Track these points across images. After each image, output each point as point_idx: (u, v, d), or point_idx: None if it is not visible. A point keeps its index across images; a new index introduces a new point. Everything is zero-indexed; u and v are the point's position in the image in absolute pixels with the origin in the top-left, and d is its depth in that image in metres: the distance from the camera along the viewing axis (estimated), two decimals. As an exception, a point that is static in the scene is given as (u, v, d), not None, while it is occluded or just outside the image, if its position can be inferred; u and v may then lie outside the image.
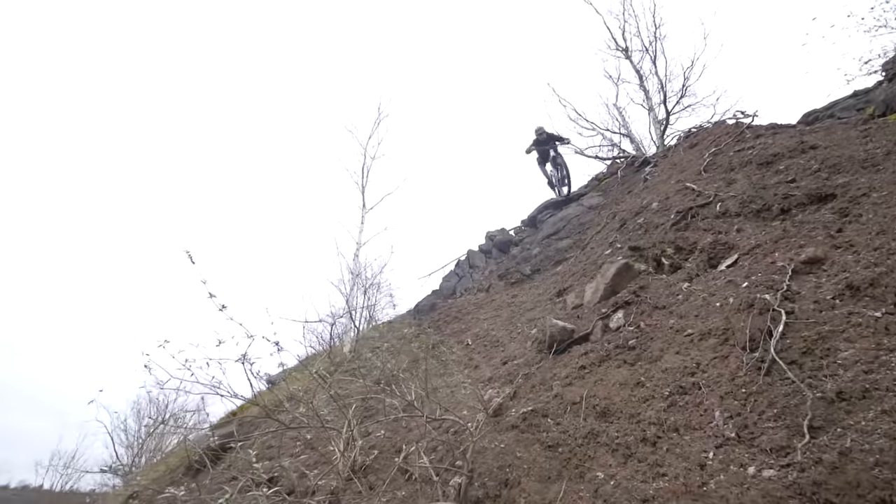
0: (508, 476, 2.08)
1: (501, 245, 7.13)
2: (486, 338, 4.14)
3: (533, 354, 3.16)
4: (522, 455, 2.18)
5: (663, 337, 2.43)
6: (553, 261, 5.23)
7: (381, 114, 7.58)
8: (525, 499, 1.92)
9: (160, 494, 3.93)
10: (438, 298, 7.08)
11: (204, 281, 1.53)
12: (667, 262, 3.12)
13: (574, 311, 3.38)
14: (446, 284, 7.40)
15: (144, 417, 10.51)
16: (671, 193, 4.07)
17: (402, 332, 4.08)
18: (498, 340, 3.92)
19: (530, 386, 2.79)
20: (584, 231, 5.67)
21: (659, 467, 1.68)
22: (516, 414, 2.51)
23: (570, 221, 6.32)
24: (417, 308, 6.95)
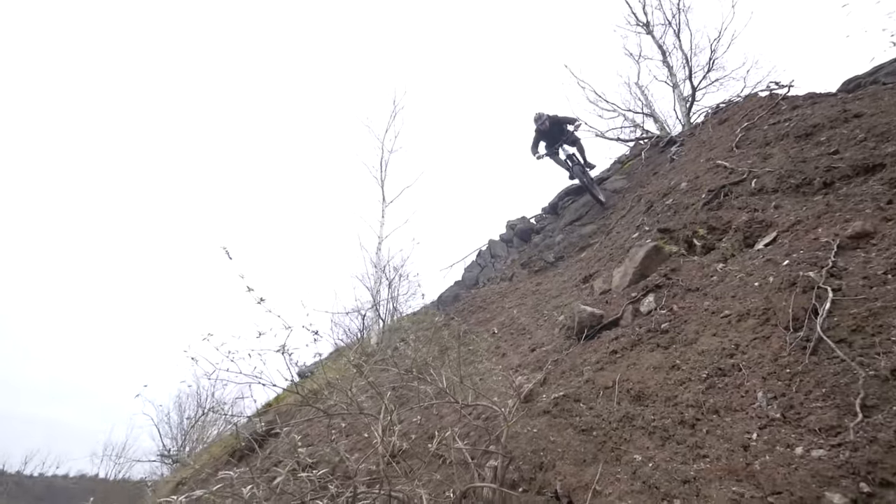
0: (543, 459, 2.09)
1: (522, 234, 7.07)
2: (511, 326, 4.14)
3: (561, 341, 3.14)
4: (556, 439, 2.18)
5: (698, 319, 2.37)
6: (577, 247, 5.15)
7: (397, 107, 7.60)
8: (561, 481, 1.92)
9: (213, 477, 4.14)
10: (461, 289, 7.10)
11: (242, 275, 1.59)
12: (699, 244, 3.03)
13: (602, 296, 3.33)
14: (468, 275, 7.40)
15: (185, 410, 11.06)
16: (701, 172, 3.93)
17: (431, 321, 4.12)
18: (524, 328, 3.91)
19: (560, 372, 2.78)
20: (609, 216, 5.55)
21: (699, 449, 1.65)
22: (547, 399, 2.51)
23: (593, 207, 6.19)
24: (441, 299, 6.99)
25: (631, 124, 8.17)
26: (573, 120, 6.51)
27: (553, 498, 1.92)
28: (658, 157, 6.28)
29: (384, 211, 6.39)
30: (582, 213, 6.08)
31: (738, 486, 1.43)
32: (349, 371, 2.41)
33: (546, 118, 6.49)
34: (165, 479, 7.24)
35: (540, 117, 6.60)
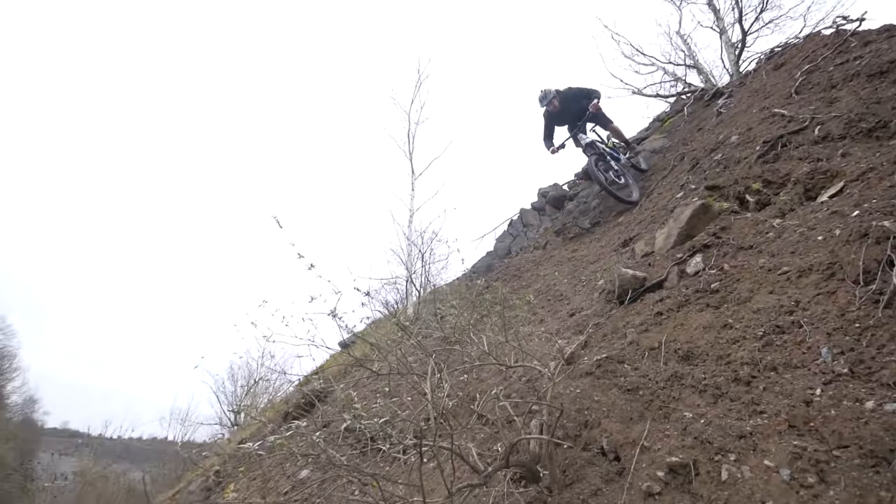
0: (587, 418, 2.11)
1: (555, 201, 6.88)
2: (548, 293, 4.10)
3: (601, 305, 3.09)
4: (600, 399, 2.18)
5: (752, 278, 2.26)
6: (614, 212, 4.96)
7: (421, 75, 7.41)
8: (607, 438, 1.94)
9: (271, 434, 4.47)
10: (494, 259, 7.07)
11: (293, 243, 1.65)
12: (752, 199, 2.84)
13: (644, 259, 3.22)
14: (500, 245, 7.35)
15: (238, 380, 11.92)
16: (754, 123, 3.64)
17: (473, 285, 4.14)
18: (562, 294, 3.87)
19: (602, 335, 2.75)
20: (648, 177, 5.29)
21: (755, 405, 1.60)
22: (590, 361, 2.50)
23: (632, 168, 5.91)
24: (473, 269, 7.01)
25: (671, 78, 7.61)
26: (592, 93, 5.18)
27: (599, 454, 1.94)
28: (703, 111, 5.85)
29: (413, 184, 6.38)
30: (619, 176, 5.83)
31: (799, 440, 1.39)
32: (394, 335, 2.49)
33: (554, 95, 5.23)
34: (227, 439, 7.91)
35: (545, 95, 5.28)
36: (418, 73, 7.46)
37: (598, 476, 1.84)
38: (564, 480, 1.92)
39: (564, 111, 5.35)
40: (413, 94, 7.28)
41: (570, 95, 5.34)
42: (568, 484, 1.90)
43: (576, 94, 5.32)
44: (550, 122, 5.49)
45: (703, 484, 1.52)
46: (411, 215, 6.18)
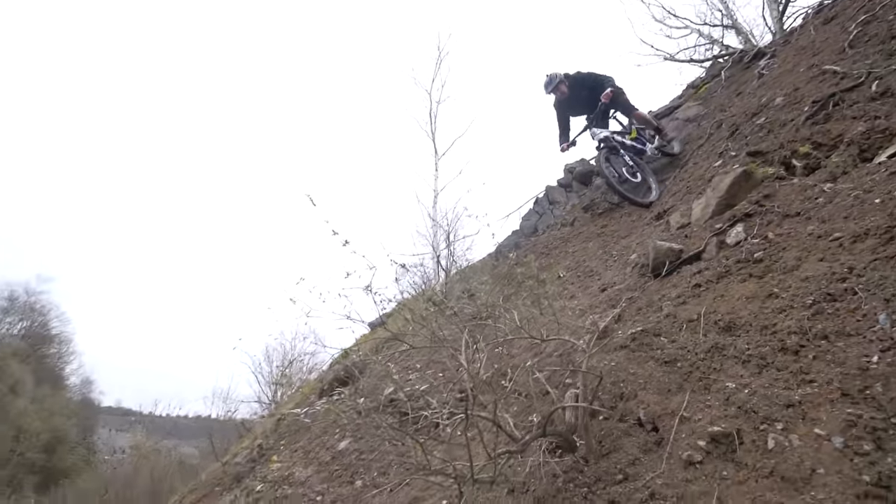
0: (623, 390, 2.09)
1: (582, 177, 6.70)
2: (578, 269, 4.05)
3: (635, 279, 3.02)
4: (636, 371, 2.16)
5: (800, 245, 2.15)
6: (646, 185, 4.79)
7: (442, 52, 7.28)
8: (644, 409, 1.93)
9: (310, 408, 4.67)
10: (520, 237, 7.01)
11: (327, 220, 1.68)
12: (800, 164, 2.68)
13: (680, 231, 3.11)
14: (526, 223, 7.26)
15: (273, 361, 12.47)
16: (801, 83, 3.39)
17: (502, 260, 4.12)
18: (592, 270, 3.81)
19: (636, 309, 2.70)
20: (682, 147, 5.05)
21: (804, 374, 1.55)
22: (624, 335, 2.46)
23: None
24: (499, 249, 6.97)
25: (707, 41, 7.16)
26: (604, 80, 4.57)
27: (636, 424, 1.94)
28: (742, 74, 5.50)
29: (437, 164, 6.36)
30: (651, 148, 5.60)
31: (853, 407, 1.33)
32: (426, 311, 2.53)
33: (561, 80, 4.65)
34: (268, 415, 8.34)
35: (551, 81, 4.68)
36: (438, 50, 7.36)
37: (635, 446, 1.84)
38: (601, 451, 1.93)
39: (576, 98, 4.74)
40: (434, 72, 7.19)
41: (580, 80, 4.74)
42: (604, 454, 1.91)
43: (585, 79, 4.72)
44: (564, 113, 4.88)
45: (747, 452, 1.49)
46: (436, 196, 6.19)
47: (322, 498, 2.99)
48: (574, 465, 1.91)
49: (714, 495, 1.45)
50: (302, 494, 3.12)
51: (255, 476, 4.04)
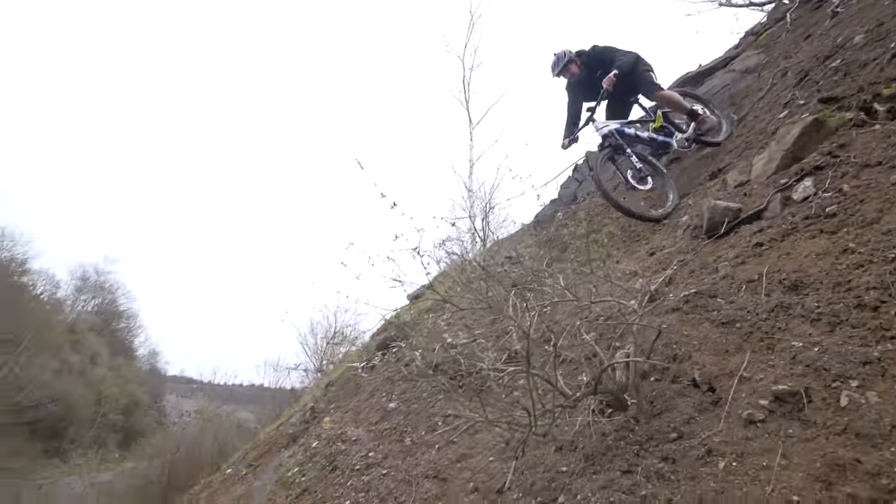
0: (676, 352, 2.04)
1: (626, 139, 6.36)
2: (623, 234, 3.90)
3: (686, 241, 2.88)
4: (690, 333, 2.10)
5: (881, 197, 1.96)
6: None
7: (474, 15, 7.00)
8: (700, 370, 1.88)
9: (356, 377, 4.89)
10: (558, 207, 6.82)
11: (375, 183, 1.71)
12: (882, 108, 2.40)
13: (738, 189, 2.92)
14: (565, 191, 7.03)
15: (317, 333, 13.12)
16: (886, 17, 3.00)
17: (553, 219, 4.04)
18: (639, 235, 3.66)
19: (688, 272, 2.59)
20: (739, 102, 4.66)
21: (885, 331, 1.44)
22: (676, 298, 2.38)
23: (716, 95, 5.23)
24: (537, 219, 6.84)
25: (769, -19, 6.41)
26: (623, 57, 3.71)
27: (690, 385, 1.89)
28: (811, 15, 4.93)
29: (472, 133, 6.24)
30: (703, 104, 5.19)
31: (945, 363, 1.23)
32: (472, 275, 2.55)
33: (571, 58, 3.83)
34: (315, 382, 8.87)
35: (558, 61, 3.87)
36: (471, 13, 7.05)
37: (689, 406, 1.81)
38: (652, 411, 1.91)
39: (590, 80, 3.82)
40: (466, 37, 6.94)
41: (596, 58, 3.84)
42: (656, 414, 1.89)
43: (602, 55, 3.82)
44: (575, 99, 3.95)
45: (816, 410, 1.43)
46: (471, 165, 6.11)
47: (374, 454, 3.17)
48: (624, 425, 1.91)
49: (778, 452, 1.41)
50: (355, 451, 3.32)
51: (310, 435, 4.33)
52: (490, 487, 2.26)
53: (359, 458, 3.20)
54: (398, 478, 2.79)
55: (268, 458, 5.13)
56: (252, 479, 4.70)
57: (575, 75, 3.98)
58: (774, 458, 1.40)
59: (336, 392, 5.50)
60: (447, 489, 2.49)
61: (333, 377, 6.67)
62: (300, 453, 3.88)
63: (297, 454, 3.91)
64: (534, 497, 1.94)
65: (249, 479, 4.82)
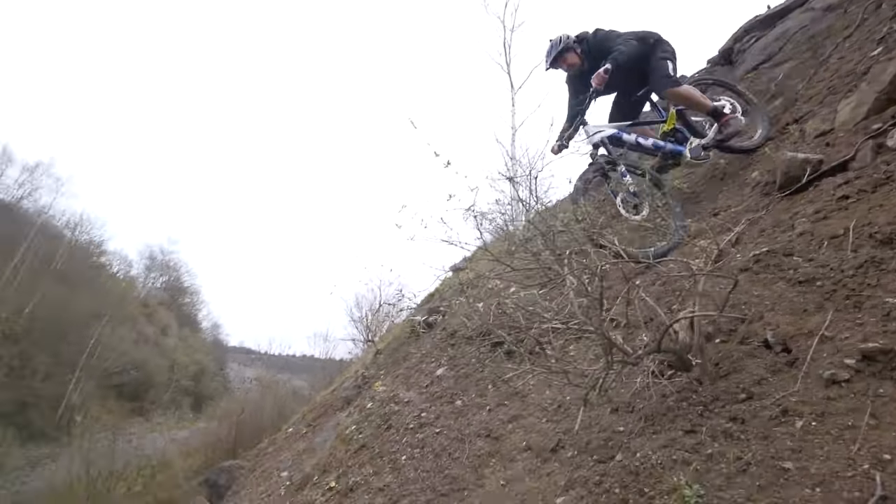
0: (745, 313, 1.93)
1: (682, 97, 5.89)
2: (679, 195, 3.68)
3: (756, 199, 2.67)
4: (761, 293, 1.97)
5: None
6: (767, 95, 4.06)
7: (515, -28, 6.57)
8: (772, 331, 1.77)
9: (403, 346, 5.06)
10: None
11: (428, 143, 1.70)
12: None
13: (818, 139, 2.64)
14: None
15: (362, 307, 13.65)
16: None
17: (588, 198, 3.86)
18: (698, 195, 3.44)
19: (758, 230, 2.41)
20: (819, 43, 4.15)
21: None
22: (744, 258, 2.24)
23: (792, 38, 4.67)
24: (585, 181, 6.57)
25: None
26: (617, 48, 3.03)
27: (761, 346, 1.79)
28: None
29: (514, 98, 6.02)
30: (773, 51, 4.66)
31: None
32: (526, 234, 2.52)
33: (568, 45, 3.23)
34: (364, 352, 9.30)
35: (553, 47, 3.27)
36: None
37: (760, 367, 1.72)
38: (717, 372, 1.84)
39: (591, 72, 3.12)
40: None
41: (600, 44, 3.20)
42: (722, 375, 1.82)
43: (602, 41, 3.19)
44: (576, 94, 3.34)
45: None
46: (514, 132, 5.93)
47: (426, 414, 3.31)
48: (686, 386, 1.85)
49: (866, 412, 1.31)
50: (408, 411, 3.48)
51: (363, 398, 4.58)
52: (543, 446, 2.30)
53: (412, 417, 3.34)
54: (451, 436, 2.90)
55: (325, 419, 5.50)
56: (312, 436, 5.06)
57: (574, 66, 3.30)
58: (861, 418, 1.31)
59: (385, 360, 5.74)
60: (500, 447, 2.56)
61: (381, 346, 6.96)
62: (356, 413, 4.12)
63: (353, 414, 4.16)
64: (590, 455, 1.95)
65: (309, 436, 5.20)
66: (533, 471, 2.18)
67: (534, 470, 2.18)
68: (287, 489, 3.80)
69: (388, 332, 8.88)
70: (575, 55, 3.31)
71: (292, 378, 22.15)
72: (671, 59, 3.19)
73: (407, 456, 2.93)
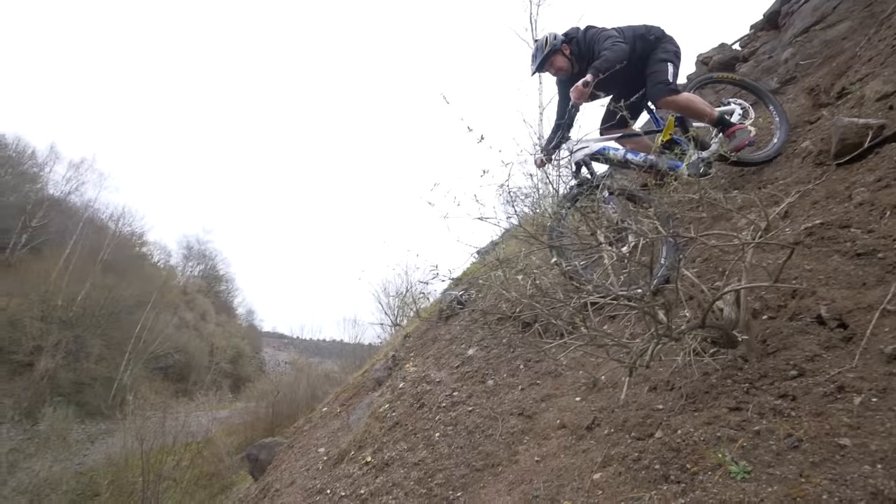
0: (796, 288, 1.84)
1: (721, 67, 5.56)
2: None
3: (808, 170, 2.51)
4: (814, 267, 1.87)
5: None
6: (821, 58, 3.77)
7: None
8: (826, 305, 1.68)
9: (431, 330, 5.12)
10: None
11: (461, 118, 1.68)
12: None
13: (879, 102, 2.44)
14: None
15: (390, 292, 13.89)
16: None
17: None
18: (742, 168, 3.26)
19: (810, 202, 2.28)
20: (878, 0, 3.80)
21: None
22: (794, 231, 2.12)
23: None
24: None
25: None
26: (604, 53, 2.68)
27: (814, 322, 1.71)
28: None
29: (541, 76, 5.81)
30: (826, 12, 4.30)
31: None
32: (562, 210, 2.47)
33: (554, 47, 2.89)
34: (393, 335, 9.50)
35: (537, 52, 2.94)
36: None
37: (813, 343, 1.64)
38: (765, 349, 1.77)
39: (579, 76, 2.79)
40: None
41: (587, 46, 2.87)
42: (770, 352, 1.75)
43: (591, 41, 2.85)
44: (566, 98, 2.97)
45: None
46: (541, 111, 5.78)
47: (458, 393, 3.36)
48: (730, 364, 1.80)
49: (937, 387, 1.23)
50: (440, 391, 3.54)
51: (395, 378, 4.69)
52: (578, 424, 2.29)
53: (444, 396, 3.40)
54: (483, 414, 2.93)
55: (357, 399, 5.67)
56: (346, 415, 5.24)
57: (563, 71, 2.96)
58: (931, 394, 1.23)
59: (414, 342, 5.84)
60: (533, 425, 2.58)
61: (410, 330, 7.08)
62: (388, 393, 4.23)
63: (386, 394, 4.27)
64: (627, 433, 1.93)
65: (343, 415, 5.39)
66: (568, 448, 2.18)
67: (569, 447, 2.18)
68: (325, 463, 3.96)
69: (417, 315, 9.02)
70: (563, 58, 2.96)
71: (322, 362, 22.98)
72: (672, 61, 2.83)
73: (440, 433, 2.99)
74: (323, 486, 3.42)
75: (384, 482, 2.86)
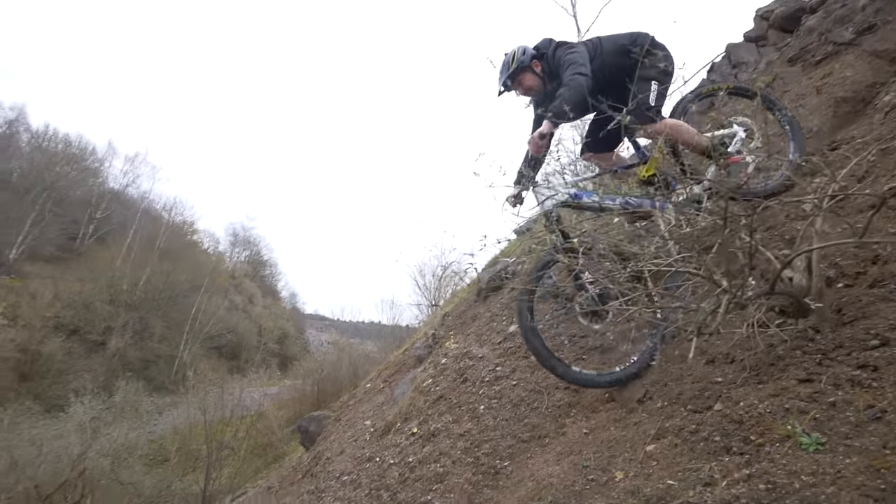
0: (877, 253, 1.69)
1: (784, 21, 5.06)
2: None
3: (891, 125, 2.27)
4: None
5: None
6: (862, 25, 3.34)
7: None
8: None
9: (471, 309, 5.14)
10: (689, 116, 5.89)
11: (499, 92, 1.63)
12: None
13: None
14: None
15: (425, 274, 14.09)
16: None
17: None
18: (808, 130, 3.00)
19: (892, 162, 2.06)
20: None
21: None
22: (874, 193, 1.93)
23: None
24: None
25: None
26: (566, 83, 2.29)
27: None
28: None
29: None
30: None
31: None
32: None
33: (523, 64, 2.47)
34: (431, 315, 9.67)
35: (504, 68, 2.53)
36: None
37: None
38: (840, 319, 1.65)
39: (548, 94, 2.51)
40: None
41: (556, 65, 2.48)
42: (846, 322, 1.63)
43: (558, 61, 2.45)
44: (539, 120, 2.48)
45: None
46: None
47: (501, 368, 3.39)
48: (799, 335, 1.69)
49: None
50: (482, 366, 3.58)
51: (437, 355, 4.78)
52: (629, 398, 2.26)
53: (487, 371, 3.44)
54: (528, 388, 2.95)
55: (400, 375, 5.85)
56: (390, 390, 5.42)
57: (533, 90, 2.56)
58: None
59: (453, 321, 5.91)
60: (580, 399, 2.56)
61: (448, 309, 7.17)
62: (431, 368, 4.33)
63: (429, 369, 4.37)
64: (682, 406, 1.88)
65: (387, 391, 5.58)
66: (618, 420, 2.16)
67: (619, 419, 2.16)
68: (372, 434, 4.15)
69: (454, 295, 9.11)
70: (533, 76, 2.53)
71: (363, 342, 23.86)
72: (657, 79, 2.40)
73: (485, 406, 3.04)
74: (372, 454, 3.59)
75: (431, 451, 2.96)
